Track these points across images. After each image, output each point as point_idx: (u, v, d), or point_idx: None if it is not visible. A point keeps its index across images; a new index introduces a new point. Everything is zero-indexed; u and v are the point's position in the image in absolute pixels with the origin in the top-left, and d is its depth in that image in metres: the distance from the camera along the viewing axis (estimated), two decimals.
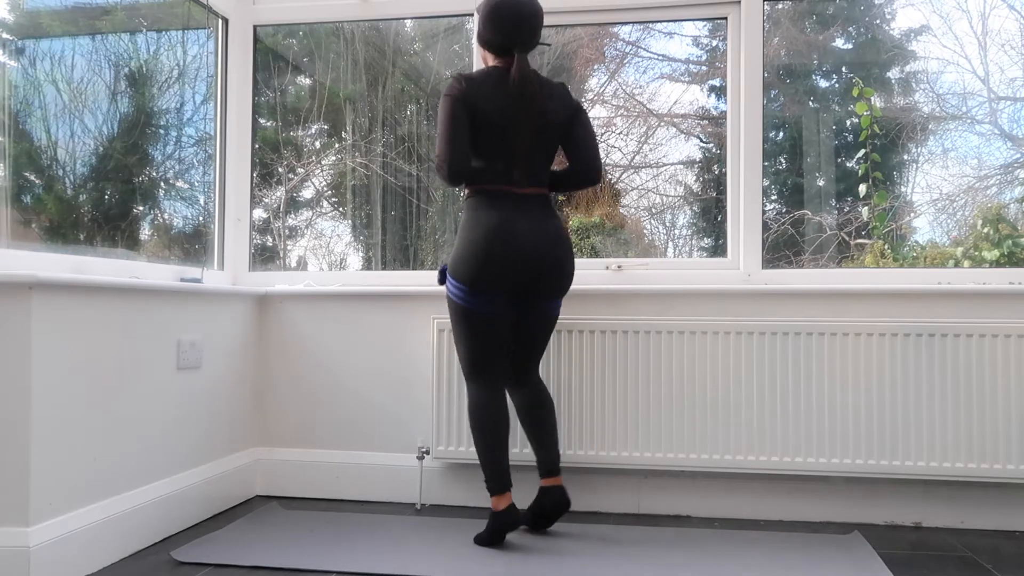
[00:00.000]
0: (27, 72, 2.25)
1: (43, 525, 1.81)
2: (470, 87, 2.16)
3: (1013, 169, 3.74)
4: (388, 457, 2.73)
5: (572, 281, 2.31)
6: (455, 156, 2.13)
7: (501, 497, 2.18)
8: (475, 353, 2.22)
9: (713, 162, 4.23)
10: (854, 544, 2.22)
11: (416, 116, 3.78)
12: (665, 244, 4.53)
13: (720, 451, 2.47)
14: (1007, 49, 3.66)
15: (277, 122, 3.62)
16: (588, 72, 4.46)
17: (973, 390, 2.38)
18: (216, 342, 2.58)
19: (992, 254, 3.28)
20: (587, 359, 2.55)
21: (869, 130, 3.33)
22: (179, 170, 2.99)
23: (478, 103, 2.15)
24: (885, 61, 3.95)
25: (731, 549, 2.17)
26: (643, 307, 2.63)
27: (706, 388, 2.49)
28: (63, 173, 2.47)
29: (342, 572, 1.96)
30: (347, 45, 3.61)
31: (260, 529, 2.34)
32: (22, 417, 1.78)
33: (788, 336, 2.46)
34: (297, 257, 3.99)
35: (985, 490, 2.43)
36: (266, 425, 2.84)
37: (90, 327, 1.99)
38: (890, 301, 2.53)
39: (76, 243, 2.49)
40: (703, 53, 4.40)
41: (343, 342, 2.80)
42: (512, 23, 2.20)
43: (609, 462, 2.52)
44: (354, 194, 3.87)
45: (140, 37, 2.77)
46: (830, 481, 2.49)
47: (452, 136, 2.13)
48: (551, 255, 2.20)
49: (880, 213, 3.38)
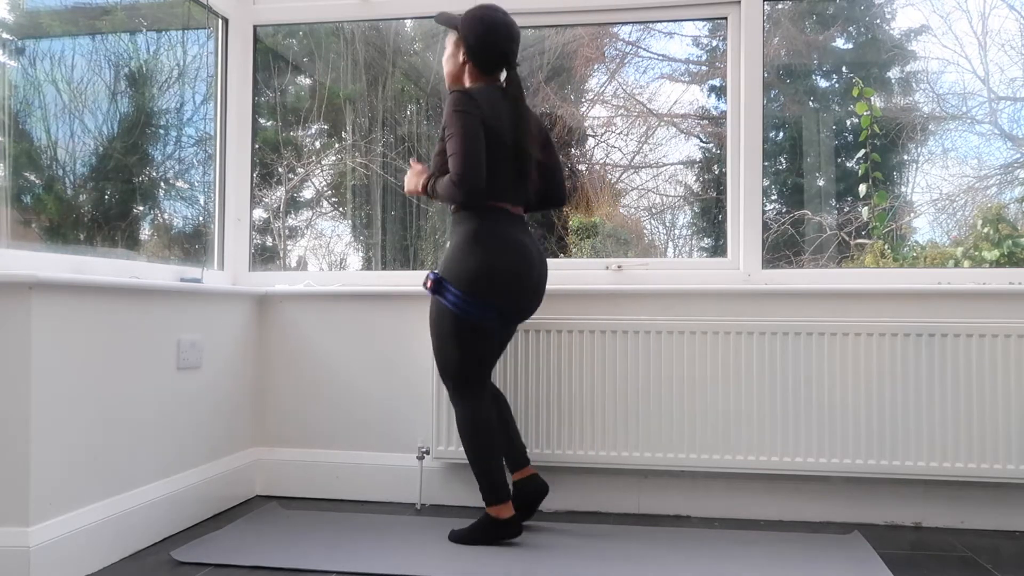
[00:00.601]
0: (27, 72, 2.25)
1: (43, 525, 1.81)
2: (480, 104, 2.12)
3: (1013, 169, 3.74)
4: (388, 457, 2.73)
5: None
6: (477, 174, 2.05)
7: (506, 504, 2.18)
8: (470, 364, 2.19)
9: (713, 162, 4.23)
10: (854, 544, 2.22)
11: (416, 116, 3.78)
12: (665, 244, 4.53)
13: (720, 451, 2.47)
14: (1007, 49, 3.66)
15: (277, 122, 3.62)
16: (588, 72, 4.47)
17: (973, 390, 2.37)
18: (216, 342, 2.58)
19: (992, 254, 3.28)
20: (587, 359, 2.54)
21: (869, 130, 3.33)
22: (179, 170, 2.99)
23: (487, 121, 2.12)
24: (885, 61, 3.95)
25: (731, 549, 2.17)
26: (643, 307, 2.63)
27: (706, 388, 2.49)
28: (63, 173, 2.47)
29: (342, 572, 1.96)
30: (347, 45, 3.61)
31: (260, 529, 2.34)
32: (22, 417, 1.78)
33: (788, 336, 2.46)
34: (297, 257, 3.99)
35: (985, 490, 2.43)
36: (266, 425, 2.84)
37: (90, 327, 1.99)
38: (890, 301, 2.53)
39: (76, 243, 2.49)
40: (703, 53, 4.40)
41: (343, 342, 2.80)
42: (508, 42, 2.21)
43: (609, 462, 2.52)
44: (354, 194, 3.87)
45: (140, 37, 2.77)
46: (830, 481, 2.49)
47: (472, 153, 2.06)
48: (544, 281, 2.30)
49: (880, 213, 3.38)
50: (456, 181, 2.07)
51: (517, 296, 2.20)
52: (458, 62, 2.26)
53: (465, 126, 2.07)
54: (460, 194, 2.09)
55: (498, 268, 2.12)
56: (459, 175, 2.06)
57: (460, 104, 2.10)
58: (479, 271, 2.11)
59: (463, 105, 2.09)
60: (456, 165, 2.06)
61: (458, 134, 2.07)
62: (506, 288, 2.15)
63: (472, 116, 2.08)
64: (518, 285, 2.18)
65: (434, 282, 2.16)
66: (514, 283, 2.17)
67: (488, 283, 2.12)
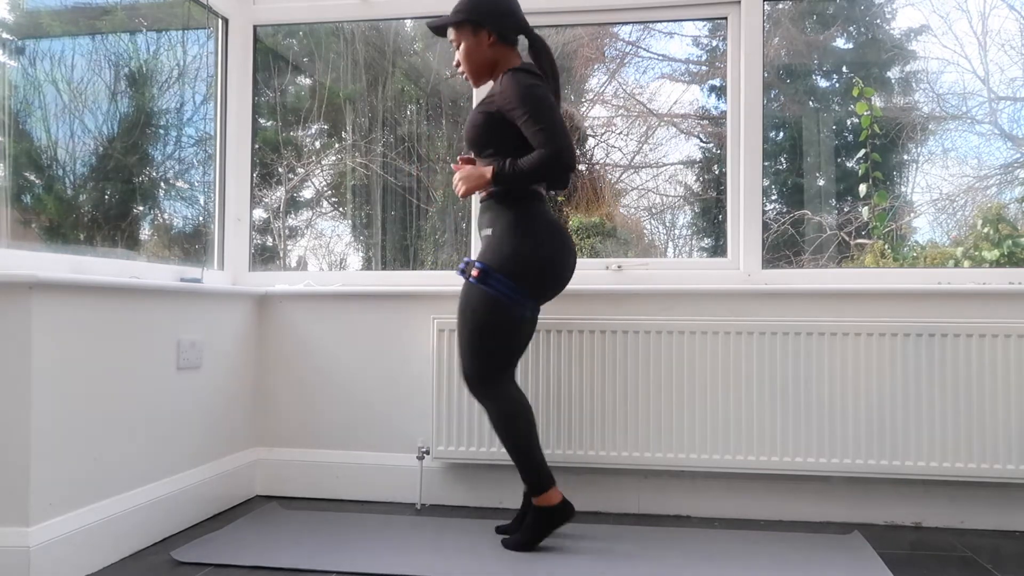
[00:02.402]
0: (27, 72, 2.25)
1: (43, 525, 1.81)
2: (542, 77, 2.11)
3: (1013, 169, 3.74)
4: (388, 457, 2.73)
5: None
6: (572, 145, 2.02)
7: (555, 489, 2.13)
8: (508, 355, 2.13)
9: (713, 162, 4.23)
10: (854, 544, 2.22)
11: (416, 116, 3.78)
12: (665, 244, 4.53)
13: (720, 451, 2.47)
14: (1007, 49, 3.66)
15: (277, 122, 3.62)
16: (588, 72, 4.46)
17: (973, 390, 2.37)
18: (216, 342, 2.58)
19: (992, 254, 3.28)
20: (587, 359, 2.54)
21: (869, 130, 3.33)
22: (179, 170, 2.99)
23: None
24: (885, 61, 3.95)
25: (731, 549, 2.17)
26: (643, 307, 2.63)
27: (706, 388, 2.49)
28: (63, 173, 2.47)
29: (342, 572, 1.96)
30: (347, 45, 3.61)
31: (260, 529, 2.34)
32: (22, 417, 1.78)
33: (788, 336, 2.46)
34: (297, 257, 3.99)
35: (985, 490, 2.43)
36: (266, 425, 2.84)
37: (90, 327, 1.99)
38: (890, 301, 2.53)
39: (76, 243, 2.49)
40: (703, 53, 4.40)
41: (343, 342, 2.80)
42: (518, 6, 2.22)
43: (609, 462, 2.52)
44: (354, 194, 3.87)
45: (140, 37, 2.77)
46: (830, 481, 2.49)
47: (562, 124, 2.02)
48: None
49: (880, 213, 3.38)
50: (553, 154, 1.99)
51: (560, 283, 2.18)
52: (485, 50, 2.17)
53: (544, 98, 2.04)
54: (560, 166, 2.01)
55: (550, 256, 2.11)
56: (562, 149, 1.99)
57: (529, 80, 2.06)
58: (533, 260, 2.08)
59: (533, 81, 2.06)
60: (549, 138, 1.99)
61: (539, 108, 2.01)
62: (556, 276, 2.14)
63: (544, 89, 2.06)
64: (565, 272, 2.17)
65: (481, 271, 2.06)
66: (562, 271, 2.15)
67: (540, 272, 2.09)
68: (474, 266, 2.08)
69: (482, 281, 2.06)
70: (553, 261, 2.12)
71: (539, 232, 2.09)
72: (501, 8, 2.17)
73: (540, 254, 2.09)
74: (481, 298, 2.07)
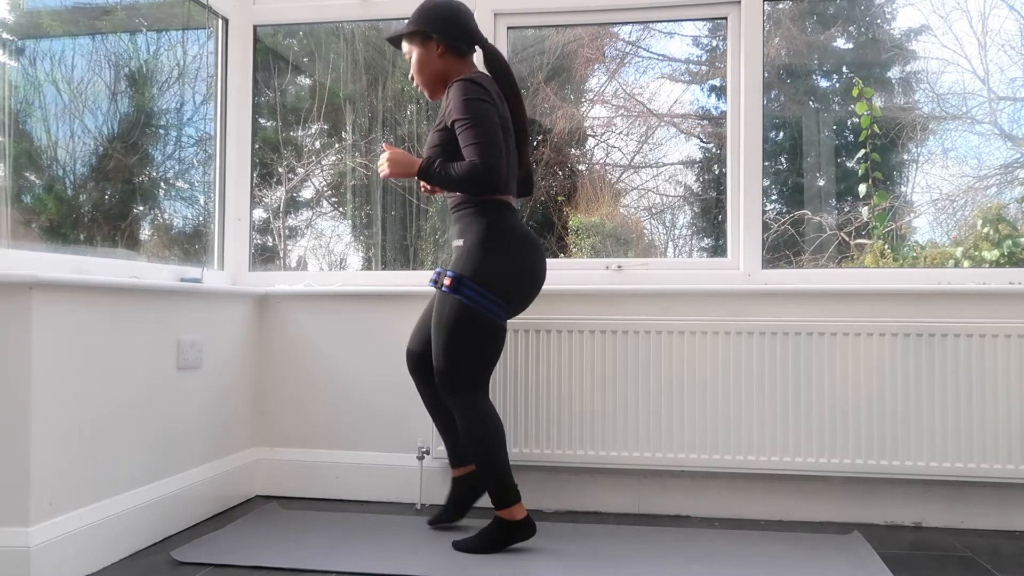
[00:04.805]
0: (27, 72, 2.25)
1: (43, 525, 1.81)
2: (489, 90, 2.07)
3: (1013, 169, 3.74)
4: (388, 457, 2.73)
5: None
6: (500, 162, 2.00)
7: (520, 504, 2.12)
8: (486, 366, 2.13)
9: (713, 162, 4.23)
10: (854, 544, 2.22)
11: (416, 116, 3.78)
12: (665, 244, 4.53)
13: (720, 451, 2.47)
14: (1007, 49, 3.66)
15: (277, 122, 3.62)
16: (588, 72, 4.46)
17: (973, 390, 2.37)
18: (216, 342, 2.58)
19: (992, 254, 3.27)
20: (587, 359, 2.54)
21: (869, 130, 3.33)
22: (179, 170, 2.99)
23: (498, 109, 2.08)
24: (885, 61, 3.95)
25: (731, 549, 2.17)
26: (643, 307, 2.63)
27: (706, 388, 2.49)
28: (63, 173, 2.47)
29: (342, 572, 1.96)
30: (347, 45, 3.61)
31: (260, 529, 2.34)
32: (22, 417, 1.78)
33: (788, 336, 2.46)
34: (297, 257, 3.99)
35: (985, 490, 2.43)
36: (266, 425, 2.84)
37: (90, 327, 1.99)
38: (890, 301, 2.53)
39: (76, 243, 2.49)
40: (703, 53, 4.40)
41: (343, 342, 2.80)
42: (469, 18, 2.21)
43: (609, 462, 2.52)
44: (354, 194, 3.87)
45: (140, 37, 2.77)
46: (830, 481, 2.49)
47: (495, 141, 2.00)
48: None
49: (880, 213, 3.38)
50: (479, 171, 1.98)
51: (532, 293, 2.19)
52: (435, 60, 2.18)
53: (481, 112, 2.02)
54: (482, 181, 2.00)
55: (522, 266, 2.12)
56: (484, 166, 1.98)
57: (471, 91, 2.04)
58: (505, 269, 2.08)
59: (475, 92, 2.04)
60: (479, 152, 1.98)
61: (476, 121, 2.00)
62: (529, 285, 2.16)
63: (486, 103, 2.04)
64: (537, 282, 2.18)
65: (454, 280, 2.06)
66: (535, 280, 2.17)
67: (515, 281, 2.11)
68: (446, 275, 2.09)
69: (455, 291, 2.06)
70: (525, 271, 2.14)
71: (510, 242, 2.11)
72: (450, 19, 2.17)
73: (512, 264, 2.10)
74: (455, 309, 2.07)
